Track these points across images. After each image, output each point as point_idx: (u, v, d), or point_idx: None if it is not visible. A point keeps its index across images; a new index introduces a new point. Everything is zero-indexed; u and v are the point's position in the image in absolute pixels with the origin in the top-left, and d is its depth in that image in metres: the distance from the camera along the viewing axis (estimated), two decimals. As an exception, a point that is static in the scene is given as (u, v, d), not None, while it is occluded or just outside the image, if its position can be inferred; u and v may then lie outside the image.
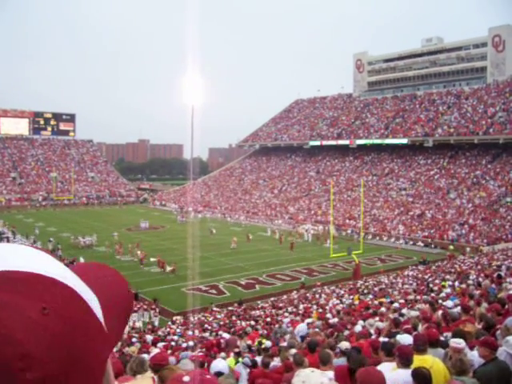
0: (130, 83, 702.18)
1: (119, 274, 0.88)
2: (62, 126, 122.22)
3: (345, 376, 5.17)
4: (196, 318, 26.83)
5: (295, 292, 32.80)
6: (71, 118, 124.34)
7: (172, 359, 11.48)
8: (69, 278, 0.73)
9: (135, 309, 30.58)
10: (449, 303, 12.69)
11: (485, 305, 10.68)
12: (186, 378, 1.63)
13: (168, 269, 39.63)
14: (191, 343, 16.45)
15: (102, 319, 0.71)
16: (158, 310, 30.16)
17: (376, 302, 21.50)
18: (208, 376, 1.61)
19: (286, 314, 22.97)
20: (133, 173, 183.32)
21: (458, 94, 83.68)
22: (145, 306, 30.70)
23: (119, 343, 18.34)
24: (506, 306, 8.40)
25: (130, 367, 5.54)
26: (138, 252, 44.40)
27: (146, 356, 8.29)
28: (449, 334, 7.62)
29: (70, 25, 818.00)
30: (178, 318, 28.12)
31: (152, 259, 41.41)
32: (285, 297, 31.79)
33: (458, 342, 6.01)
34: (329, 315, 19.49)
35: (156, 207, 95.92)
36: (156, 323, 28.24)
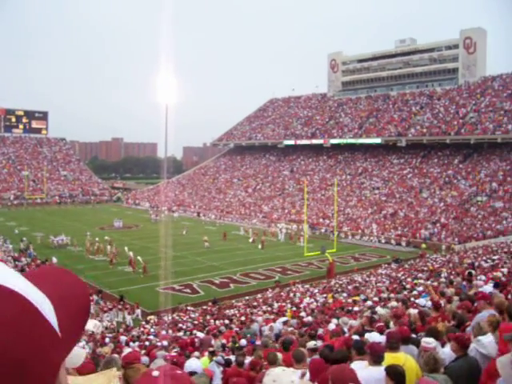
0: (104, 81, 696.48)
1: (75, 275, 0.87)
2: (35, 124, 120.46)
3: (320, 369, 5.16)
4: (170, 318, 26.69)
5: (270, 290, 32.85)
6: (44, 116, 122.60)
7: (145, 359, 11.39)
8: (18, 283, 0.63)
9: (110, 307, 30.34)
10: (421, 301, 12.80)
11: (456, 302, 10.80)
12: (155, 373, 1.58)
13: (139, 269, 39.34)
14: (165, 343, 16.35)
15: (55, 323, 0.70)
16: (137, 310, 29.86)
17: (350, 301, 21.64)
18: (179, 371, 1.57)
19: (261, 313, 22.96)
20: (106, 171, 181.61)
21: (430, 94, 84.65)
22: (119, 306, 30.46)
23: (92, 344, 18.15)
24: (476, 304, 8.49)
25: (101, 368, 5.48)
26: (109, 248, 44.18)
27: (117, 356, 8.19)
28: (422, 333, 7.67)
29: (44, 21, 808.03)
30: (152, 317, 27.94)
31: (139, 258, 40.73)
32: (259, 295, 31.79)
33: (428, 342, 6.04)
34: (303, 314, 19.56)
35: (130, 206, 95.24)
36: (130, 323, 28.02)
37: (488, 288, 10.64)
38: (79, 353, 3.32)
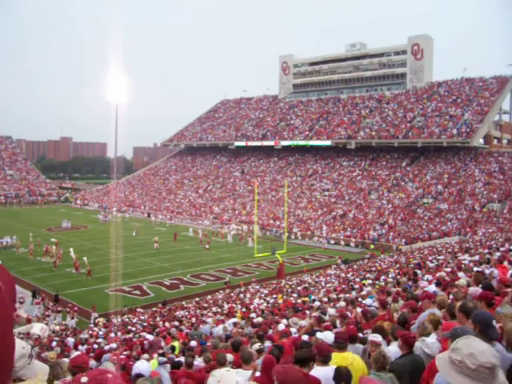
0: (53, 79, 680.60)
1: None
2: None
3: (271, 366, 5.18)
4: (119, 320, 26.33)
5: (220, 292, 32.80)
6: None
7: (93, 362, 11.20)
8: None
9: (59, 309, 29.69)
10: (368, 301, 13.00)
11: (401, 301, 11.02)
12: (84, 379, 1.57)
13: (83, 270, 38.68)
14: (114, 345, 16.13)
15: None
16: (94, 314, 29.26)
17: (300, 301, 21.79)
18: (109, 375, 1.56)
19: (211, 314, 22.90)
20: (54, 171, 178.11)
21: (379, 98, 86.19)
22: (59, 308, 29.86)
23: (37, 348, 17.71)
24: (420, 303, 8.69)
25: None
26: (54, 249, 43.30)
27: (63, 360, 8.01)
28: (369, 331, 7.79)
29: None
30: (101, 319, 27.50)
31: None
32: (209, 297, 31.70)
33: (376, 336, 6.17)
34: (253, 314, 19.58)
35: (78, 207, 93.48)
36: (72, 325, 27.46)
37: (432, 287, 10.89)
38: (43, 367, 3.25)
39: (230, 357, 8.21)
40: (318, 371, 5.41)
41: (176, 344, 14.67)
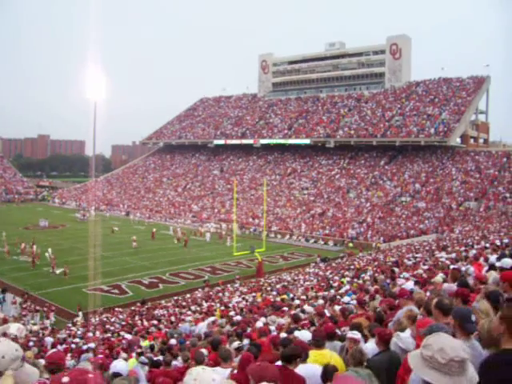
0: (30, 76, 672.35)
1: None
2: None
3: (249, 364, 5.19)
4: (97, 319, 26.16)
5: (199, 290, 32.76)
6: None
7: (71, 362, 11.12)
8: None
9: (37, 309, 29.38)
10: (345, 298, 13.08)
11: (379, 299, 11.10)
12: (65, 379, 1.56)
13: (58, 270, 38.31)
14: (92, 345, 16.02)
15: None
16: (80, 313, 28.96)
17: (278, 299, 21.85)
18: (90, 375, 1.55)
19: (190, 313, 22.86)
20: (31, 169, 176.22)
21: (358, 97, 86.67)
22: (37, 307, 29.57)
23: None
24: (397, 300, 8.76)
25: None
26: (27, 247, 42.88)
27: (39, 361, 7.93)
28: (346, 328, 7.84)
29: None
30: (79, 319, 27.29)
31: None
32: (188, 295, 31.64)
33: (355, 334, 6.22)
34: (232, 313, 19.59)
35: (56, 205, 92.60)
36: (50, 322, 27.23)
37: (410, 285, 10.99)
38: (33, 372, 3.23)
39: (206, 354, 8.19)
40: (296, 369, 5.45)
41: (147, 343, 14.65)
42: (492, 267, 9.72)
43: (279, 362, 5.50)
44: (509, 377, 3.31)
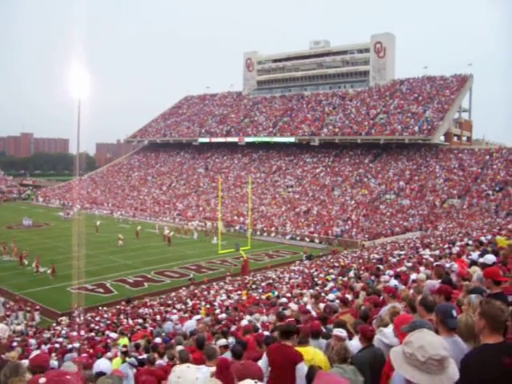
0: (13, 73, 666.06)
1: None
2: None
3: (226, 367, 5.21)
4: (82, 318, 26.00)
5: (184, 288, 32.72)
6: None
7: (54, 362, 11.03)
8: None
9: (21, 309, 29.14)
10: (330, 296, 13.13)
11: (363, 296, 11.16)
12: (42, 380, 1.55)
13: (42, 269, 38.07)
14: (77, 344, 15.94)
15: None
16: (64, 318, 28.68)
17: (264, 297, 21.89)
18: (68, 376, 1.54)
19: (175, 311, 22.81)
20: (15, 168, 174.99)
21: (342, 95, 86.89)
22: (21, 307, 29.32)
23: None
24: (382, 297, 8.81)
25: (4, 373, 5.22)
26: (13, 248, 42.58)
27: (22, 362, 7.86)
28: (331, 326, 7.87)
29: None
30: (64, 318, 27.10)
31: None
32: (173, 294, 31.58)
33: (340, 331, 6.25)
34: (217, 311, 19.59)
35: (40, 204, 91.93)
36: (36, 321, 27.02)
37: (394, 282, 11.06)
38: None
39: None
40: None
41: (123, 341, 14.60)
42: (473, 263, 9.82)
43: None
44: (488, 372, 3.36)
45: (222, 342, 8.48)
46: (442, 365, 2.65)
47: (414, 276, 10.98)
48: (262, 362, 5.51)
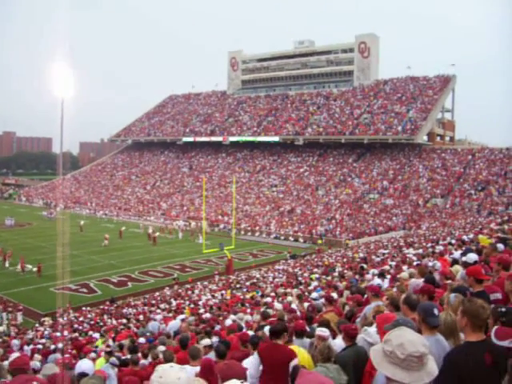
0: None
1: None
2: None
3: (209, 367, 5.20)
4: (65, 319, 25.83)
5: (168, 288, 32.63)
6: None
7: (37, 363, 10.93)
8: None
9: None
10: (314, 295, 13.16)
11: (346, 295, 11.20)
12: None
13: (27, 268, 37.75)
14: (60, 345, 15.82)
15: None
16: (46, 319, 28.42)
17: (248, 297, 21.88)
18: (34, 382, 1.53)
19: (159, 311, 22.74)
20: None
21: (327, 95, 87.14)
22: (4, 307, 29.05)
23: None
24: (366, 296, 8.84)
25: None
26: None
27: (3, 363, 7.78)
28: (315, 325, 7.88)
29: None
30: (47, 319, 26.89)
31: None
32: (157, 293, 31.48)
33: (323, 331, 6.26)
34: (201, 310, 19.56)
35: (22, 203, 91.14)
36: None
37: (377, 281, 11.12)
38: None
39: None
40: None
41: (100, 343, 14.57)
42: (455, 262, 9.90)
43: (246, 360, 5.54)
44: (471, 369, 3.40)
45: (206, 341, 8.47)
46: (421, 361, 2.68)
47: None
48: (253, 362, 5.50)
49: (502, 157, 61.64)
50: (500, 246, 9.51)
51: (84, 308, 28.86)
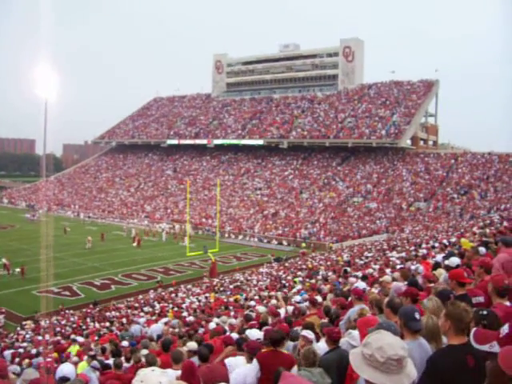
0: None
1: None
2: None
3: (191, 371, 5.17)
4: (48, 322, 25.60)
5: (151, 291, 32.50)
6: None
7: (16, 367, 10.81)
8: None
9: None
10: (297, 298, 13.17)
11: (330, 298, 11.22)
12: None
13: (16, 270, 37.44)
14: (41, 349, 15.68)
15: None
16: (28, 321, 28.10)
17: (231, 300, 21.86)
18: None
19: (142, 314, 22.64)
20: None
21: (311, 99, 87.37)
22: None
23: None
24: (350, 299, 8.87)
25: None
26: None
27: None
28: (299, 328, 7.88)
29: None
30: (28, 322, 26.62)
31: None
32: (141, 296, 31.33)
33: (309, 333, 6.26)
34: (185, 314, 19.51)
35: (5, 205, 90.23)
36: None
37: (361, 284, 11.15)
38: None
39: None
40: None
41: (74, 349, 14.47)
42: (437, 265, 9.96)
43: (234, 360, 5.51)
44: (454, 371, 3.41)
45: (192, 345, 8.42)
46: (400, 364, 2.69)
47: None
48: (252, 369, 5.49)
49: (484, 161, 62.24)
50: (482, 250, 9.58)
51: (67, 311, 28.65)
